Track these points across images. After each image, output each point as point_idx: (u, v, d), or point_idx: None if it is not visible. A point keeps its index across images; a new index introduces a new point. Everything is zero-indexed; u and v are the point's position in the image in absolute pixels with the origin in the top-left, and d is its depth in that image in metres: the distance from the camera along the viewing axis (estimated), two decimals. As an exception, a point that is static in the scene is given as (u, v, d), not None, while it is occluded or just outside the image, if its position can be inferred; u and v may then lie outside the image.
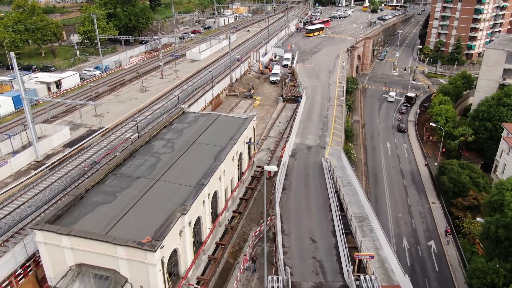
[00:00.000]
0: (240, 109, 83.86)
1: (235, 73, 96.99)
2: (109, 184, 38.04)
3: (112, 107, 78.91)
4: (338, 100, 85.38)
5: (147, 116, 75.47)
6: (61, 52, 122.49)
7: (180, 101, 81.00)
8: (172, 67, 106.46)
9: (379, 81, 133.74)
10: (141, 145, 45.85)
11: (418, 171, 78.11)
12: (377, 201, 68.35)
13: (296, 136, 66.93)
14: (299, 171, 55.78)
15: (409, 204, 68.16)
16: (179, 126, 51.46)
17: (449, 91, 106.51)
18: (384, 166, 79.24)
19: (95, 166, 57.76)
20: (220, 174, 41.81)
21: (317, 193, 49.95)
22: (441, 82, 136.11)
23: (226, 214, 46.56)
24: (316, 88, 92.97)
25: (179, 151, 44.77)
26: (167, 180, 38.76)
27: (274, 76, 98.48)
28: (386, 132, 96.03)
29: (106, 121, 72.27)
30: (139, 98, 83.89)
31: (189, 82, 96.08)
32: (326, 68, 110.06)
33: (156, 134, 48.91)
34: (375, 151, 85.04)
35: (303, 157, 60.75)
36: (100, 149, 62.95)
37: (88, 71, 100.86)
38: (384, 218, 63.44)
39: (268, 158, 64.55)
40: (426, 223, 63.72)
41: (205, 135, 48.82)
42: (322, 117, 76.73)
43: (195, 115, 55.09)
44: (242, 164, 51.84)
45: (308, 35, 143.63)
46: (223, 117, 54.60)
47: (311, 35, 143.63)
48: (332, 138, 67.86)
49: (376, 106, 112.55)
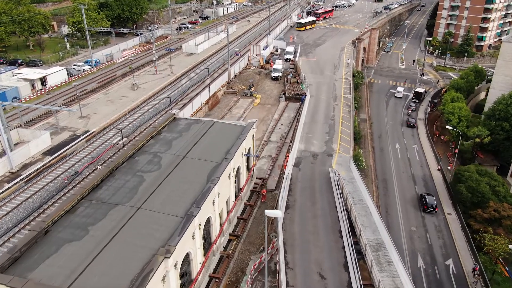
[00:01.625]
0: (239, 109, 77.59)
1: (233, 69, 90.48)
2: (81, 213, 32.06)
3: (100, 108, 72.65)
4: (345, 99, 79.01)
5: (138, 117, 69.26)
6: (50, 44, 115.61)
7: (173, 102, 74.70)
8: (167, 61, 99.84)
9: (386, 74, 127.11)
10: (123, 161, 39.78)
11: (431, 177, 72.12)
12: (388, 212, 62.47)
13: (300, 142, 60.80)
14: (304, 185, 49.78)
15: (423, 215, 62.34)
16: (168, 136, 45.31)
17: (461, 87, 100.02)
18: (394, 170, 73.21)
19: (76, 178, 51.82)
20: (214, 198, 35.85)
21: (325, 213, 44.01)
22: (450, 75, 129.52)
23: (222, 239, 40.71)
24: (321, 85, 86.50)
25: (167, 168, 38.71)
26: (150, 208, 32.79)
27: (275, 72, 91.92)
28: (395, 131, 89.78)
29: (92, 124, 66.10)
30: (130, 97, 77.60)
31: (184, 78, 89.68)
32: (331, 62, 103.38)
33: (142, 146, 42.80)
34: (384, 154, 78.94)
35: (308, 167, 54.69)
36: (84, 157, 56.96)
37: (77, 66, 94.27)
38: (396, 232, 57.69)
39: (269, 167, 58.45)
40: (442, 238, 57.95)
41: (197, 148, 42.71)
42: (328, 118, 70.45)
43: (187, 122, 48.92)
44: (239, 179, 45.87)
45: (300, 29, 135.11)
46: (219, 125, 48.45)
47: (302, 29, 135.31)
48: (340, 144, 61.71)
49: (383, 102, 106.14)
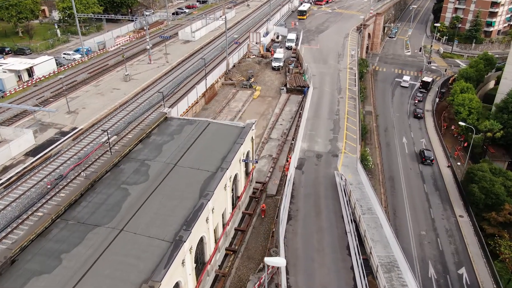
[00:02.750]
0: (238, 102, 73.03)
1: (232, 59, 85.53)
2: (54, 237, 28.02)
3: (89, 101, 68.13)
4: (350, 91, 74.38)
5: (129, 112, 64.86)
6: (41, 31, 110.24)
7: (168, 95, 70.15)
8: (162, 50, 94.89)
9: (391, 62, 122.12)
10: (107, 170, 35.59)
11: (441, 174, 68.12)
12: (396, 214, 58.66)
13: (303, 140, 56.52)
14: (307, 190, 45.68)
15: (433, 217, 58.51)
16: (158, 139, 41.01)
17: (471, 76, 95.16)
18: (402, 167, 69.18)
19: (60, 183, 47.74)
20: (208, 215, 31.79)
21: (331, 225, 40.03)
22: (458, 63, 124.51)
23: (217, 256, 36.80)
24: (324, 76, 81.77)
25: (155, 179, 34.55)
26: (133, 231, 28.72)
27: (276, 62, 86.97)
28: (402, 123, 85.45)
29: (80, 120, 61.73)
30: (122, 89, 73.00)
31: (180, 68, 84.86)
32: (335, 51, 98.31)
33: (128, 152, 38.56)
34: (390, 149, 74.78)
35: (312, 170, 50.53)
36: (70, 157, 52.78)
37: (67, 54, 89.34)
38: (405, 237, 54.02)
39: (269, 169, 54.23)
40: (454, 243, 54.24)
41: (190, 154, 38.47)
42: (333, 113, 66.01)
43: (180, 123, 44.52)
44: (237, 186, 41.77)
45: (302, 17, 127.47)
46: (214, 126, 44.08)
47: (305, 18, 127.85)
48: (346, 143, 57.43)
49: (389, 92, 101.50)
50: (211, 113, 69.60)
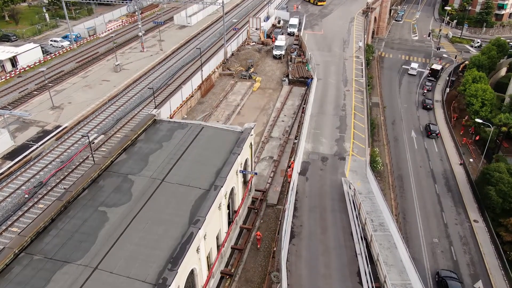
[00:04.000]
0: (236, 95, 67.99)
1: (230, 47, 80.00)
2: (15, 279, 23.62)
3: (75, 95, 63.15)
4: (357, 83, 69.26)
5: (118, 107, 59.98)
6: (28, 15, 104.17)
7: (161, 88, 65.08)
8: (156, 36, 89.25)
9: (397, 47, 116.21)
10: (84, 188, 31.02)
11: (453, 173, 63.46)
12: (406, 218, 54.23)
13: (307, 140, 51.80)
14: (312, 202, 41.16)
15: (446, 222, 54.12)
16: (145, 148, 36.33)
17: (483, 64, 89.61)
18: (411, 165, 64.53)
19: (39, 191, 43.28)
20: (199, 244, 27.37)
21: (340, 245, 35.65)
22: (468, 48, 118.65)
23: (211, 283, 32.52)
24: (329, 65, 76.43)
25: (138, 200, 30.01)
26: (110, 269, 24.33)
27: (277, 50, 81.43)
28: (410, 115, 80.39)
29: (65, 116, 56.89)
30: (112, 81, 67.89)
31: (175, 57, 79.49)
32: (340, 37, 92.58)
33: (110, 164, 33.92)
34: (399, 144, 69.97)
35: (316, 176, 45.92)
36: (52, 161, 48.17)
37: (55, 41, 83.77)
38: (416, 245, 49.72)
39: (270, 173, 49.64)
40: (469, 253, 49.96)
41: (180, 166, 33.84)
42: (339, 109, 61.06)
43: (170, 127, 39.73)
44: (234, 200, 37.27)
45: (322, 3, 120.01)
46: (209, 130, 39.28)
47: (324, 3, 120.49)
48: (353, 143, 52.70)
49: (396, 80, 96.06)
50: (208, 107, 64.70)
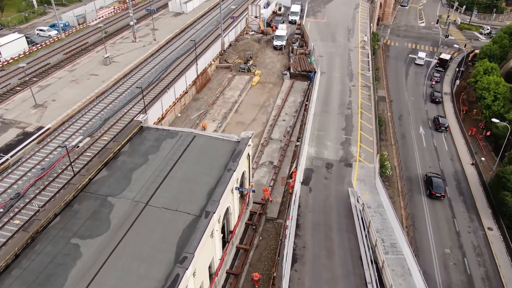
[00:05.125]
0: (234, 90, 63.47)
1: (228, 37, 75.07)
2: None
3: (61, 91, 58.73)
4: (363, 77, 64.73)
5: (107, 105, 55.65)
6: (15, 0, 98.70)
7: (153, 83, 60.55)
8: (150, 25, 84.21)
9: (403, 35, 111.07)
10: (56, 214, 26.99)
11: (464, 174, 59.39)
12: (415, 225, 50.46)
13: (310, 144, 47.59)
14: (316, 219, 37.17)
15: (458, 230, 50.31)
16: (129, 162, 32.17)
17: (494, 54, 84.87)
18: (420, 165, 60.46)
19: (16, 204, 39.31)
20: (187, 284, 23.47)
21: (348, 272, 31.79)
22: (477, 35, 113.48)
23: (202, 318, 28.79)
24: (333, 57, 71.70)
25: (118, 229, 26.02)
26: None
27: (278, 40, 76.47)
28: (418, 109, 75.99)
29: (48, 116, 52.61)
30: (101, 75, 63.35)
31: (169, 47, 74.72)
32: (344, 25, 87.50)
33: (88, 183, 29.82)
34: (406, 141, 65.79)
35: (321, 186, 41.87)
36: (31, 168, 44.07)
37: (42, 31, 78.82)
38: (427, 256, 45.98)
39: (270, 181, 45.49)
40: (484, 265, 46.23)
41: (167, 186, 29.75)
42: (344, 107, 56.67)
43: (158, 136, 35.48)
44: (230, 220, 33.28)
45: None
46: (202, 140, 35.06)
47: None
48: (360, 147, 48.53)
49: (402, 71, 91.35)
50: (203, 104, 60.30)
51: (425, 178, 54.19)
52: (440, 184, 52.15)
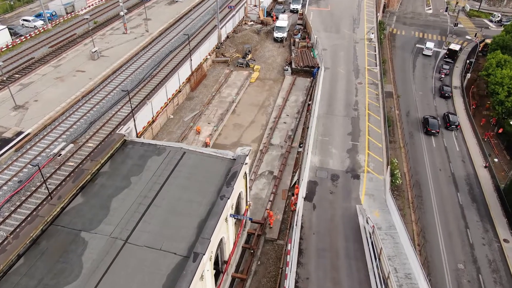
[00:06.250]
0: (231, 88, 59.05)
1: (225, 28, 70.18)
2: None
3: (44, 90, 54.40)
4: (370, 73, 60.25)
5: (94, 106, 51.36)
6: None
7: (144, 81, 56.01)
8: (142, 14, 79.20)
9: (410, 23, 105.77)
10: (20, 255, 23.07)
11: (477, 177, 55.35)
12: (426, 237, 46.67)
13: (314, 152, 43.51)
14: (321, 243, 33.33)
15: (471, 242, 46.57)
16: (108, 186, 28.15)
17: (507, 44, 79.97)
18: (429, 167, 56.39)
19: (-12, 225, 35.46)
20: None
21: (357, 311, 28.21)
22: (487, 23, 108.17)
23: None
24: (338, 50, 67.03)
25: (90, 276, 22.13)
26: None
27: (279, 31, 71.61)
28: (426, 104, 71.40)
29: (29, 120, 48.41)
30: (88, 72, 58.90)
31: (163, 40, 69.98)
32: (349, 14, 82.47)
33: (61, 213, 25.85)
34: (414, 141, 61.52)
35: (326, 202, 37.95)
36: (8, 180, 40.08)
37: (27, 21, 73.93)
38: (439, 272, 42.39)
39: (269, 195, 41.51)
40: (500, 283, 42.57)
41: (151, 217, 25.79)
42: (350, 107, 52.39)
43: (143, 152, 31.37)
44: (224, 250, 29.40)
45: None
46: (192, 157, 30.94)
47: None
48: (369, 155, 44.44)
49: (409, 62, 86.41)
50: (198, 103, 55.99)
51: (422, 120, 61.52)
52: (435, 123, 59.34)
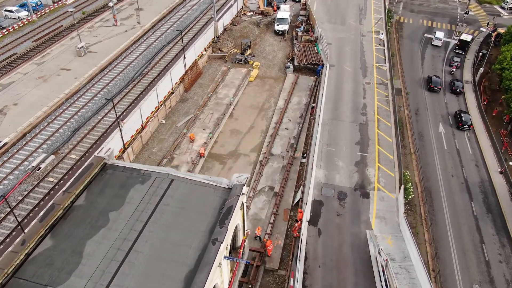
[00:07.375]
0: (229, 87, 54.59)
1: (222, 21, 65.23)
2: None
3: (25, 92, 50.01)
4: (379, 72, 55.81)
5: (79, 110, 47.06)
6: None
7: (133, 81, 51.42)
8: (134, 3, 74.09)
9: (418, 10, 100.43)
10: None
11: (492, 184, 51.37)
12: (438, 254, 42.99)
13: (318, 165, 39.48)
14: (328, 279, 29.59)
15: (487, 259, 42.97)
16: (83, 224, 24.18)
17: (521, 34, 75.26)
18: (440, 172, 52.32)
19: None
20: None
21: None
22: (498, 10, 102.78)
23: None
24: (344, 44, 62.34)
25: None
26: None
27: (280, 24, 66.67)
28: (436, 101, 66.96)
29: (7, 126, 44.20)
30: (73, 70, 54.37)
31: (156, 32, 65.05)
32: (355, 3, 77.45)
33: (24, 262, 21.98)
34: (424, 143, 57.33)
35: (332, 227, 34.12)
36: (-20, 199, 36.19)
37: (10, 12, 68.95)
38: (454, 295, 39.03)
39: (269, 216, 37.59)
40: (520, 306, 39.27)
41: (130, 268, 21.92)
42: (358, 112, 48.14)
43: (125, 179, 27.32)
44: (217, 295, 25.69)
45: None
46: (182, 186, 26.90)
47: None
48: (379, 169, 40.40)
49: (418, 54, 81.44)
50: (192, 106, 51.69)
51: (427, 79, 64.98)
52: (437, 80, 63.75)
